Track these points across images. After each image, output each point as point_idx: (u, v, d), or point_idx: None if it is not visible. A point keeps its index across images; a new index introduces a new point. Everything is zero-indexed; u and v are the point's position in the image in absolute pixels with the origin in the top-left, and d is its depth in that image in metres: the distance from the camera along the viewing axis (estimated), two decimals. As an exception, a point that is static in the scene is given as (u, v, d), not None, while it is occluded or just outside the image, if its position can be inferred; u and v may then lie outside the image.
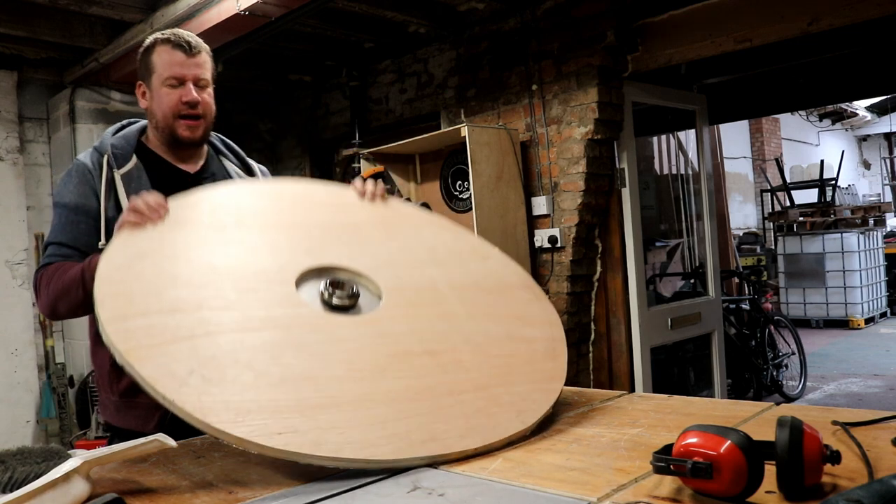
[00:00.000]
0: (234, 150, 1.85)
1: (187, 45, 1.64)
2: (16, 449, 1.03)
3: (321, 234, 1.48)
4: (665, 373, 4.95)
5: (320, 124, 5.29)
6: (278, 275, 1.32)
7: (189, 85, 1.63)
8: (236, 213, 1.48)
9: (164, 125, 1.65)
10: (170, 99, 1.63)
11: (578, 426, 1.22)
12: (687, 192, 6.04)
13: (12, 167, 4.34)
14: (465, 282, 1.49)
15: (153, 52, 1.65)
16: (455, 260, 1.57)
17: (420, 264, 1.49)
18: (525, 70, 3.88)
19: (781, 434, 0.83)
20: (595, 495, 0.88)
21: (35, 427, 4.39)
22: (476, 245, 1.68)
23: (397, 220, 1.63)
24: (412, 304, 1.36)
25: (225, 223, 1.43)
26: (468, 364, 1.26)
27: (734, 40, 3.43)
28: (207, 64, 1.68)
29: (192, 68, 1.64)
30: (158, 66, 1.64)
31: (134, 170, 1.64)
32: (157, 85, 1.65)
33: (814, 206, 9.57)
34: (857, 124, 13.82)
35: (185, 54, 1.63)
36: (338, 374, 1.14)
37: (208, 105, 1.68)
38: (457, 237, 1.67)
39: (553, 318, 1.48)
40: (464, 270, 1.54)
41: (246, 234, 1.43)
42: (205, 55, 1.68)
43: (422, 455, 1.05)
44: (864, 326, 8.95)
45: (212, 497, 0.99)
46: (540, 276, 3.85)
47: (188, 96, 1.63)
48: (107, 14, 3.73)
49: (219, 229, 1.41)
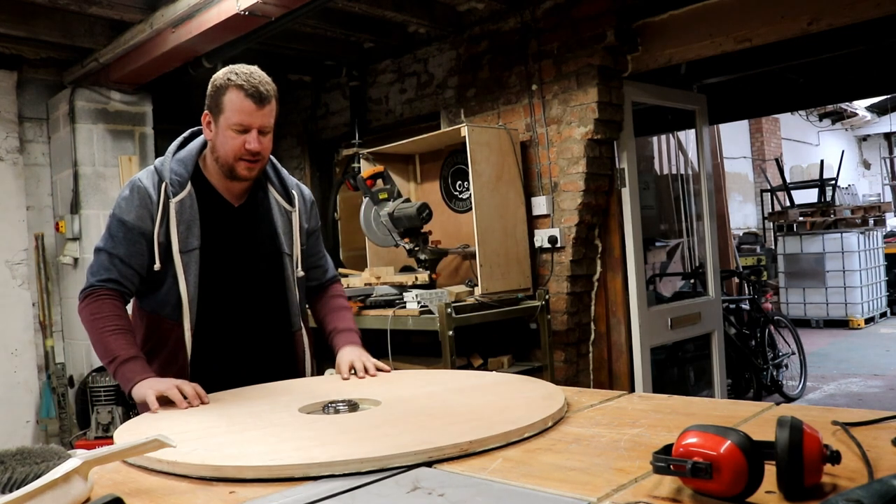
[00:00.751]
0: (280, 175, 1.92)
1: (258, 97, 1.68)
2: (15, 449, 1.03)
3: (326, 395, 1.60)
4: (665, 373, 4.96)
5: (320, 124, 5.29)
6: (286, 407, 1.47)
7: (254, 133, 1.70)
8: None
9: (224, 162, 1.74)
10: (234, 143, 1.71)
11: (578, 426, 1.22)
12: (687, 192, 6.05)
13: (12, 167, 4.34)
14: (464, 385, 1.63)
15: (225, 94, 1.70)
16: (458, 378, 1.75)
17: (422, 385, 1.65)
18: (525, 70, 3.88)
19: (781, 434, 0.83)
20: (595, 495, 0.88)
21: (35, 427, 4.39)
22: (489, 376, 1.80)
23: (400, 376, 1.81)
24: (407, 400, 1.49)
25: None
26: (463, 410, 1.35)
27: (734, 40, 3.43)
28: (274, 110, 1.74)
29: (259, 118, 1.70)
30: (228, 109, 1.70)
31: (187, 198, 1.75)
32: (223, 125, 1.71)
33: (814, 205, 9.57)
34: (857, 124, 13.82)
35: (256, 105, 1.69)
36: (332, 433, 1.25)
37: (268, 149, 1.76)
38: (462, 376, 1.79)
39: (552, 387, 1.52)
40: (465, 381, 1.68)
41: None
42: (273, 102, 1.73)
43: (416, 449, 1.06)
44: (864, 326, 8.95)
45: (212, 497, 0.99)
46: (540, 276, 3.85)
47: (252, 145, 1.71)
48: (107, 14, 3.73)
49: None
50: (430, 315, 3.24)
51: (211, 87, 1.74)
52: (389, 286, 3.60)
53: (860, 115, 12.92)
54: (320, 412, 1.43)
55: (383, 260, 4.13)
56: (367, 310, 3.51)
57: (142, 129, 4.52)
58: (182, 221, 1.74)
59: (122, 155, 4.41)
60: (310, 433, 1.25)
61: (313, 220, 2.01)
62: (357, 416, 1.39)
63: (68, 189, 4.34)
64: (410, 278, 3.57)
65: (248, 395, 1.65)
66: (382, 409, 1.41)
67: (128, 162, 4.41)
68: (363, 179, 3.74)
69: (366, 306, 3.53)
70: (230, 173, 1.76)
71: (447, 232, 3.97)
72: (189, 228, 1.75)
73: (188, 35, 3.49)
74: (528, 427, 1.17)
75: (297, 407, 1.44)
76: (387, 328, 3.35)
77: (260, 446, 1.18)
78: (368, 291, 3.64)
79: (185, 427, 1.35)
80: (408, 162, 4.33)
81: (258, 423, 1.35)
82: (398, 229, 3.55)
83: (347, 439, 1.18)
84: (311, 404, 1.47)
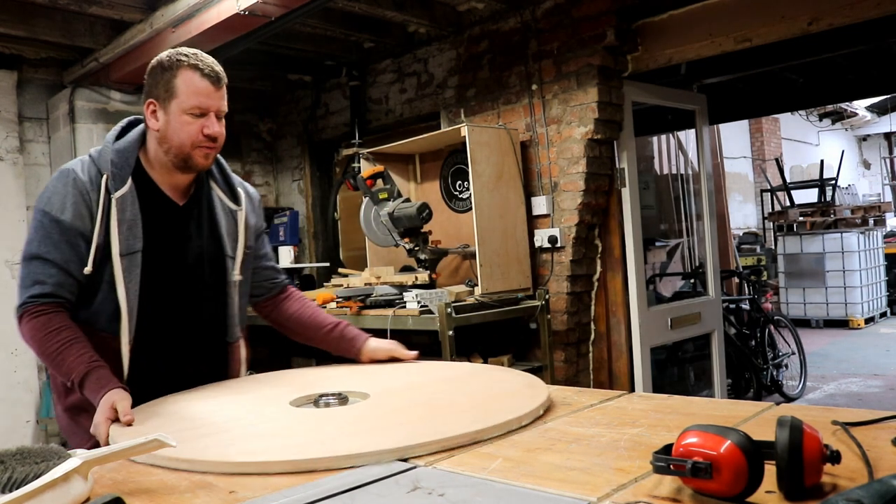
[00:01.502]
0: (225, 172, 1.78)
1: (215, 76, 1.58)
2: (15, 449, 1.03)
3: (315, 384, 1.62)
4: (665, 373, 4.96)
5: (320, 124, 5.29)
6: (275, 400, 1.49)
7: (212, 116, 1.59)
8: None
9: (180, 151, 1.60)
10: (191, 129, 1.58)
11: (578, 426, 1.22)
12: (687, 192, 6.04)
13: (12, 167, 4.34)
14: (449, 375, 1.68)
15: (177, 75, 1.56)
16: (442, 369, 1.77)
17: (404, 375, 1.69)
18: (525, 70, 3.88)
19: (781, 434, 0.83)
20: (595, 495, 0.88)
21: (35, 427, 4.39)
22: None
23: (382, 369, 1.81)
24: (394, 393, 1.51)
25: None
26: (449, 401, 1.40)
27: (734, 40, 3.43)
28: (226, 96, 1.63)
29: (217, 100, 1.59)
30: (182, 92, 1.56)
31: (129, 195, 1.58)
32: (176, 110, 1.57)
33: (814, 205, 9.57)
34: (857, 124, 13.82)
35: (214, 85, 1.58)
36: (328, 429, 1.27)
37: (221, 136, 1.64)
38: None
39: (533, 378, 1.56)
40: (450, 372, 1.72)
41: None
42: (226, 90, 1.63)
43: (422, 441, 1.10)
44: (864, 326, 8.95)
45: (212, 497, 0.99)
46: (540, 276, 3.85)
47: (212, 129, 1.59)
48: (107, 14, 3.73)
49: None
50: (430, 315, 3.24)
51: (155, 70, 1.59)
52: (389, 286, 3.60)
53: (860, 115, 12.92)
54: (311, 406, 1.44)
55: (383, 260, 4.13)
56: (367, 310, 3.51)
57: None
58: (124, 220, 1.56)
59: (122, 155, 4.41)
60: (312, 426, 1.28)
61: (260, 220, 1.88)
62: (349, 409, 1.40)
63: (68, 189, 4.34)
64: (410, 278, 3.56)
65: (240, 387, 1.68)
66: (372, 402, 1.43)
67: (128, 162, 4.41)
68: (363, 179, 3.74)
69: (366, 306, 3.53)
70: (184, 163, 1.61)
71: (447, 232, 3.97)
72: (131, 229, 1.57)
73: (188, 35, 3.49)
74: (526, 415, 1.23)
75: (288, 401, 1.45)
76: (387, 328, 3.35)
77: (277, 439, 1.22)
78: (368, 291, 3.64)
79: (192, 421, 1.35)
80: (408, 162, 4.33)
81: (259, 417, 1.37)
82: (398, 229, 3.55)
83: (359, 430, 1.23)
84: (300, 397, 1.48)
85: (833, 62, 4.90)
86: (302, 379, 1.73)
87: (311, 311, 1.93)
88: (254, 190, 1.89)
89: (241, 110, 5.56)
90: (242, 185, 1.83)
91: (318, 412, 1.40)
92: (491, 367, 1.79)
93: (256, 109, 5.64)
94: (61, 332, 1.51)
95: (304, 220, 5.41)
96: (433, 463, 1.06)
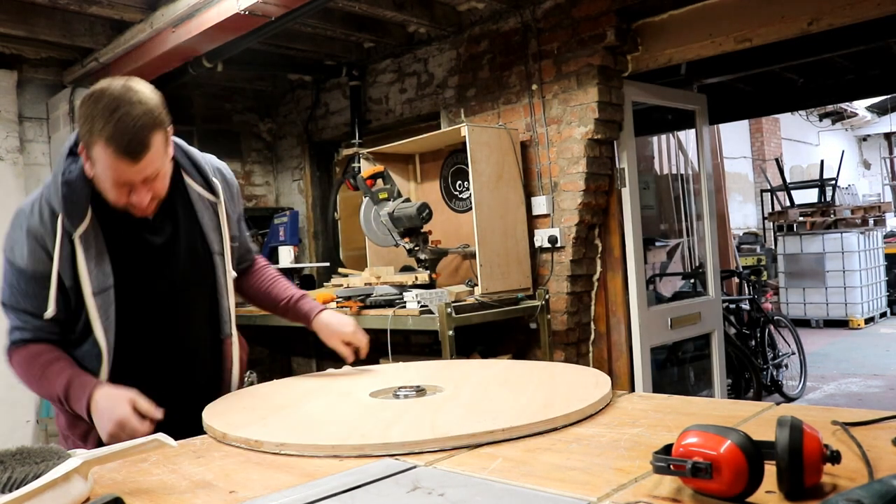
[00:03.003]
0: (195, 162, 1.63)
1: (133, 152, 1.36)
2: (15, 449, 1.03)
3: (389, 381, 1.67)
4: (665, 373, 4.95)
5: (320, 124, 5.29)
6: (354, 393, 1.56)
7: (138, 185, 1.42)
8: None
9: (115, 204, 1.47)
10: (116, 194, 1.44)
11: (578, 426, 1.22)
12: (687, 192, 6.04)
13: (12, 167, 4.34)
14: (518, 369, 1.71)
15: (94, 143, 1.37)
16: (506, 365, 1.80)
17: (475, 371, 1.73)
18: (525, 70, 3.88)
19: (781, 434, 0.82)
20: (595, 495, 0.88)
21: (35, 427, 4.39)
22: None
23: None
24: (464, 385, 1.56)
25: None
26: (511, 398, 1.42)
27: (734, 40, 3.43)
28: (159, 152, 1.42)
29: (140, 173, 1.40)
30: (100, 165, 1.39)
31: (90, 229, 1.47)
32: (100, 175, 1.42)
33: (814, 205, 9.57)
34: (857, 124, 13.82)
35: (132, 161, 1.37)
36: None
37: (162, 188, 1.48)
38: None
39: (601, 376, 1.55)
40: (519, 367, 1.76)
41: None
42: (156, 146, 1.40)
43: (492, 428, 1.14)
44: (864, 326, 8.95)
45: (212, 497, 0.99)
46: (540, 276, 3.85)
47: (138, 199, 1.44)
48: (107, 13, 3.73)
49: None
50: (430, 315, 3.24)
51: (80, 114, 1.39)
52: (389, 286, 3.60)
53: (860, 115, 12.92)
54: (391, 397, 1.49)
55: (383, 260, 4.13)
56: (367, 309, 3.51)
57: (142, 129, 4.52)
58: (90, 257, 1.46)
59: (122, 155, 4.42)
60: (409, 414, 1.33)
61: (239, 205, 1.76)
62: (428, 399, 1.44)
63: (68, 189, 4.34)
64: (410, 278, 3.56)
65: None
66: (448, 395, 1.46)
67: (128, 162, 4.41)
68: (363, 179, 3.74)
69: (366, 306, 3.53)
70: (124, 210, 1.49)
71: (447, 232, 3.97)
72: (99, 265, 1.47)
73: (188, 35, 3.49)
74: (590, 406, 1.28)
75: (368, 392, 1.52)
76: (387, 328, 3.35)
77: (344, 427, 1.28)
78: (368, 291, 3.64)
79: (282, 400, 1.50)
80: (408, 162, 4.33)
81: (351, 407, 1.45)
82: (398, 229, 3.55)
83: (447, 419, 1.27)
84: (379, 390, 1.54)
85: (833, 62, 4.90)
86: (392, 373, 1.76)
87: (267, 285, 1.84)
88: (230, 173, 1.74)
89: (240, 110, 5.56)
90: (219, 171, 1.69)
91: (396, 402, 1.44)
92: (568, 366, 1.82)
93: (256, 109, 5.64)
94: (42, 355, 1.50)
95: (304, 220, 5.41)
96: (433, 463, 1.06)
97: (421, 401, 1.43)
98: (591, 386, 1.42)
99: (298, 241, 4.99)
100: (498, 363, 1.84)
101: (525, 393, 1.42)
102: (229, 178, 1.72)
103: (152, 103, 1.40)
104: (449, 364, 1.86)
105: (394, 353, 3.32)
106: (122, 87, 1.39)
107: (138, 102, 1.37)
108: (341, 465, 1.08)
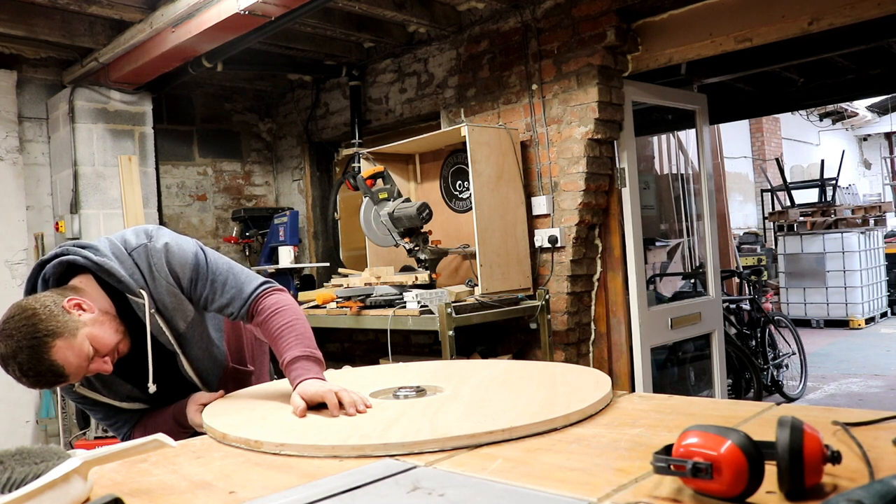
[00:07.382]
0: (117, 277, 1.53)
1: (51, 384, 1.44)
2: (14, 449, 1.03)
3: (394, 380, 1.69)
4: (665, 373, 4.95)
5: (320, 124, 5.29)
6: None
7: (89, 368, 1.48)
8: None
9: None
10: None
11: (578, 426, 1.22)
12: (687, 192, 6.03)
13: (12, 167, 4.34)
14: (518, 369, 1.72)
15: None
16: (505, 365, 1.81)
17: (476, 371, 1.73)
18: (525, 70, 3.88)
19: (782, 434, 0.82)
20: (595, 495, 0.88)
21: (35, 427, 4.39)
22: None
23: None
24: (464, 386, 1.57)
25: None
26: (511, 398, 1.42)
27: (734, 40, 3.43)
28: (70, 356, 1.41)
29: (76, 376, 1.46)
30: None
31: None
32: None
33: (814, 205, 9.56)
34: (857, 124, 13.82)
35: (61, 382, 1.46)
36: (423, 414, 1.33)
37: (107, 349, 1.49)
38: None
39: (602, 376, 1.54)
40: (520, 368, 1.76)
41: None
42: (64, 356, 1.40)
43: (493, 429, 1.15)
44: (865, 326, 8.94)
45: (212, 497, 0.99)
46: (540, 276, 3.85)
47: (97, 369, 1.50)
48: (106, 13, 3.73)
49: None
50: (430, 315, 3.24)
51: None
52: (389, 286, 3.60)
53: (860, 114, 12.92)
54: (391, 397, 1.50)
55: (383, 260, 4.13)
56: (367, 310, 3.51)
57: (141, 129, 4.52)
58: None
59: (121, 155, 4.41)
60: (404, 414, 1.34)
61: (187, 271, 1.60)
62: (428, 400, 1.44)
63: (68, 189, 4.34)
64: (410, 278, 3.56)
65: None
66: (448, 395, 1.47)
67: (127, 161, 4.41)
68: (363, 179, 3.74)
69: (366, 306, 3.53)
70: None
71: (447, 232, 3.97)
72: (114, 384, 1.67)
73: (188, 34, 3.49)
74: (590, 407, 1.28)
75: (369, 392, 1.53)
76: (387, 328, 3.35)
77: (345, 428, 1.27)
78: (368, 291, 3.64)
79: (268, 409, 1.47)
80: (408, 162, 4.32)
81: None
82: (398, 229, 3.55)
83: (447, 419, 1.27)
84: (380, 390, 1.56)
85: (833, 62, 4.90)
86: (392, 373, 1.79)
87: (271, 341, 1.65)
88: (158, 251, 1.58)
89: (240, 110, 5.56)
90: (146, 259, 1.57)
91: (396, 403, 1.45)
92: (568, 366, 1.82)
93: (256, 109, 5.65)
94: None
95: (304, 220, 5.41)
96: (433, 463, 1.06)
97: (421, 401, 1.43)
98: (592, 386, 1.42)
99: (298, 241, 4.99)
100: (498, 363, 1.84)
101: (525, 393, 1.42)
102: (154, 262, 1.58)
103: (36, 339, 1.37)
104: (449, 364, 1.85)
105: (394, 353, 3.32)
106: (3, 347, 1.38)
107: (20, 350, 1.37)
108: (341, 466, 1.08)
